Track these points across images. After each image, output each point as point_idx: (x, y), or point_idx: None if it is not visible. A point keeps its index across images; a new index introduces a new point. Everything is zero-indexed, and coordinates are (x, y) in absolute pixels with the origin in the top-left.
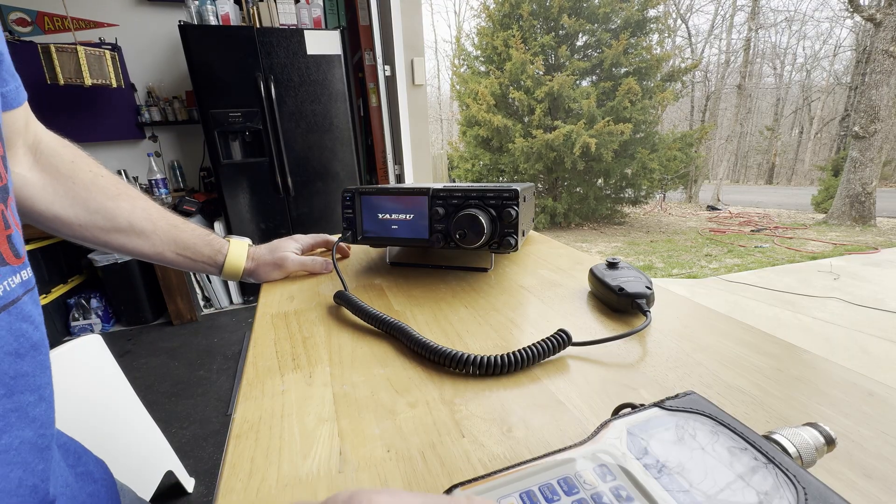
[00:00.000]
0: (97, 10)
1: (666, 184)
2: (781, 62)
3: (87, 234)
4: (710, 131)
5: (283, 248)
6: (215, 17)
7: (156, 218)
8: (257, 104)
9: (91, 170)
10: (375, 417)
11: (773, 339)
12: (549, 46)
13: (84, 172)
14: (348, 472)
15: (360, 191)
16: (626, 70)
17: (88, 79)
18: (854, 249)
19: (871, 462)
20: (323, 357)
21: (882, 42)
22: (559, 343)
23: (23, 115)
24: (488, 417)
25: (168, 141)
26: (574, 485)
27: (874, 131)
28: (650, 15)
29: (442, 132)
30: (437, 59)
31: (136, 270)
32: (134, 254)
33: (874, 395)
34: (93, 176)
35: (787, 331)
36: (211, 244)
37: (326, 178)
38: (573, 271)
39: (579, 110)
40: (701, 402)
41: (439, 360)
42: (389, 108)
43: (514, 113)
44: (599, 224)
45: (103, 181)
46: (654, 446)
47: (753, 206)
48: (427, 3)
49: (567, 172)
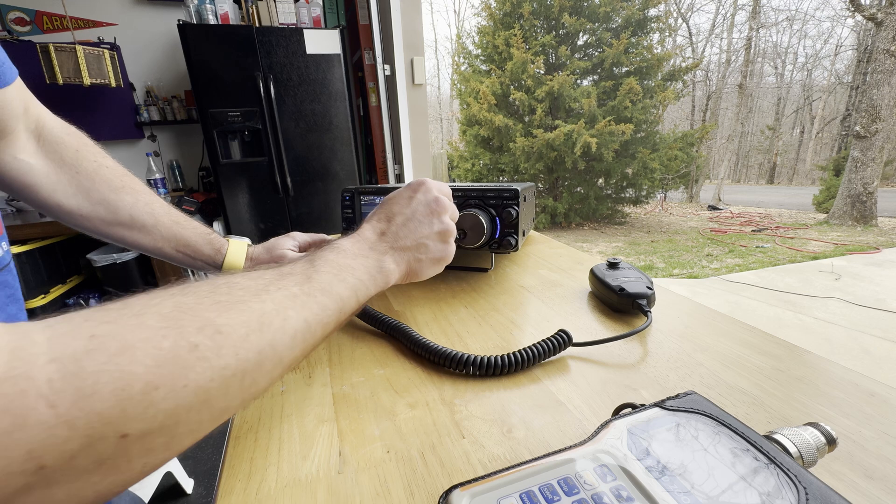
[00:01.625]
0: (96, 9)
1: (667, 183)
2: (782, 61)
3: (89, 225)
4: (711, 131)
5: (281, 246)
6: (214, 16)
7: (158, 213)
8: (256, 104)
9: (96, 160)
10: (375, 418)
11: (774, 340)
12: (550, 46)
13: (88, 162)
14: (348, 473)
15: (359, 190)
16: (627, 69)
17: (87, 78)
18: (855, 249)
19: (873, 462)
20: (322, 357)
21: (883, 41)
22: (560, 343)
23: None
24: (488, 418)
25: (167, 140)
26: (574, 485)
27: (875, 131)
28: (651, 14)
29: (442, 132)
30: (436, 58)
31: (135, 271)
32: (134, 247)
33: (875, 396)
34: (97, 166)
35: (788, 331)
36: (212, 243)
37: (326, 178)
38: (574, 271)
39: (580, 110)
40: (702, 403)
41: (439, 360)
42: (389, 107)
43: (515, 112)
44: (600, 224)
45: (108, 172)
46: (655, 447)
47: (754, 206)
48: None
49: (568, 172)
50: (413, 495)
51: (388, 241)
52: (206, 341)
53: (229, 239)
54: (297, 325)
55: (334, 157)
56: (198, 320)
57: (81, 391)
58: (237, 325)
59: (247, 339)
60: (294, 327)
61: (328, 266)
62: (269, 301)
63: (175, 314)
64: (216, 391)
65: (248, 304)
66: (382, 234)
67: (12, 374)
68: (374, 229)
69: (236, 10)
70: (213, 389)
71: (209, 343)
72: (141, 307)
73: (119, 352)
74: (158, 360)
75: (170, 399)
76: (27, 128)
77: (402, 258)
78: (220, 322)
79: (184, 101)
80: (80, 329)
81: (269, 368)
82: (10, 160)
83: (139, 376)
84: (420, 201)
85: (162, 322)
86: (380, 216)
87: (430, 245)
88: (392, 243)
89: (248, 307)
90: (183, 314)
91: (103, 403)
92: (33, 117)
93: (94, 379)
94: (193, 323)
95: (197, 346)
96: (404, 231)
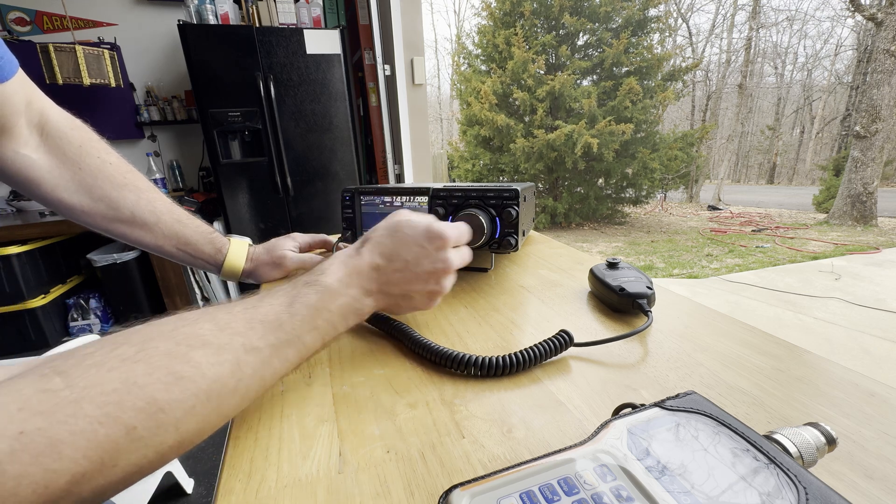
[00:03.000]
0: (96, 9)
1: (667, 183)
2: (782, 61)
3: (90, 221)
4: (711, 131)
5: (281, 247)
6: (214, 16)
7: (160, 211)
8: (256, 104)
9: (99, 156)
10: (375, 418)
11: (774, 340)
12: (550, 45)
13: (92, 158)
14: (348, 473)
15: (359, 191)
16: (627, 69)
17: (87, 78)
18: (855, 249)
19: (873, 462)
20: (322, 357)
21: (883, 41)
22: (561, 344)
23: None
24: (488, 418)
25: (167, 140)
26: (574, 485)
27: (875, 131)
28: (651, 14)
29: (442, 132)
30: (437, 58)
31: (135, 270)
32: (135, 243)
33: (875, 396)
34: (100, 163)
35: (788, 331)
36: (213, 242)
37: (326, 178)
38: (573, 271)
39: (580, 110)
40: (702, 402)
41: (439, 360)
42: (389, 107)
43: (515, 112)
44: (600, 224)
45: (111, 169)
46: (655, 447)
47: (754, 206)
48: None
49: (568, 172)
50: (413, 495)
51: (377, 280)
52: (146, 422)
53: (230, 238)
54: (250, 384)
55: (334, 157)
56: (140, 400)
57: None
58: (184, 399)
59: (192, 412)
60: (247, 386)
61: (304, 311)
62: (227, 363)
63: (117, 394)
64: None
65: (203, 371)
66: (376, 270)
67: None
68: (373, 261)
69: (236, 10)
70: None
71: (148, 423)
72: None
73: (45, 451)
74: (88, 451)
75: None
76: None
77: (383, 300)
78: (164, 400)
79: (184, 101)
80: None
81: (211, 429)
82: (12, 155)
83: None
84: (429, 256)
85: (99, 409)
86: (384, 249)
87: (416, 298)
88: (380, 285)
89: (201, 376)
90: (127, 393)
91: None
92: (36, 111)
93: (15, 483)
94: (136, 403)
95: (135, 427)
96: (397, 278)
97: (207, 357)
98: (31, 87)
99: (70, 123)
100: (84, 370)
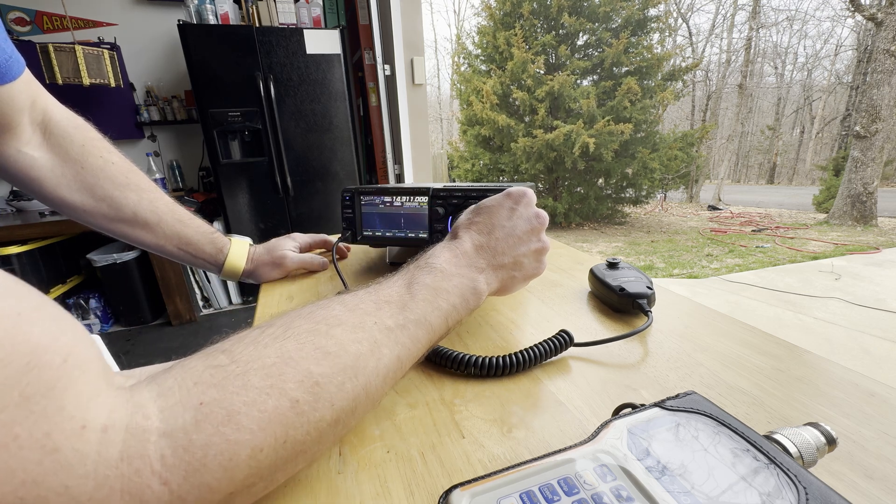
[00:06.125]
0: (96, 9)
1: (667, 183)
2: (782, 61)
3: (92, 220)
4: (711, 131)
5: (282, 247)
6: (214, 16)
7: (161, 211)
8: (256, 104)
9: (102, 155)
10: (375, 418)
11: (775, 340)
12: (550, 45)
13: (94, 157)
14: (348, 473)
15: (359, 190)
16: (627, 69)
17: (87, 78)
18: (855, 249)
19: (873, 462)
20: None
21: (883, 41)
22: (561, 344)
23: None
24: (488, 418)
25: (167, 140)
26: (574, 485)
27: (875, 131)
28: (651, 14)
29: (442, 132)
30: (437, 58)
31: (135, 270)
32: (136, 243)
33: (875, 396)
34: (103, 162)
35: (788, 331)
36: (214, 242)
37: (326, 178)
38: (573, 271)
39: (579, 110)
40: (702, 402)
41: (439, 360)
42: (389, 107)
43: (515, 112)
44: (600, 224)
45: (113, 168)
46: (656, 447)
47: (754, 206)
48: (427, 2)
49: (567, 172)
50: (413, 495)
51: (485, 257)
52: (306, 395)
53: (231, 238)
54: (389, 364)
55: (334, 157)
56: (298, 373)
57: (191, 465)
58: (334, 373)
59: (342, 388)
60: (387, 366)
61: (424, 292)
62: (365, 340)
63: (277, 367)
64: (312, 442)
65: (345, 347)
66: (480, 248)
67: (128, 454)
68: (474, 241)
69: (236, 10)
70: (309, 441)
71: (308, 398)
72: (247, 360)
73: (225, 420)
74: (262, 423)
75: (271, 457)
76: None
77: (497, 276)
78: (317, 373)
79: (184, 101)
80: (190, 397)
81: (361, 412)
82: (15, 153)
83: (245, 443)
84: (522, 215)
85: (265, 380)
86: (479, 227)
87: (526, 263)
88: (490, 259)
89: (345, 351)
90: (285, 366)
91: (212, 475)
92: (40, 110)
93: (202, 452)
94: (294, 376)
95: (297, 401)
96: (503, 247)
97: (346, 334)
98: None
99: (73, 122)
100: (244, 347)
